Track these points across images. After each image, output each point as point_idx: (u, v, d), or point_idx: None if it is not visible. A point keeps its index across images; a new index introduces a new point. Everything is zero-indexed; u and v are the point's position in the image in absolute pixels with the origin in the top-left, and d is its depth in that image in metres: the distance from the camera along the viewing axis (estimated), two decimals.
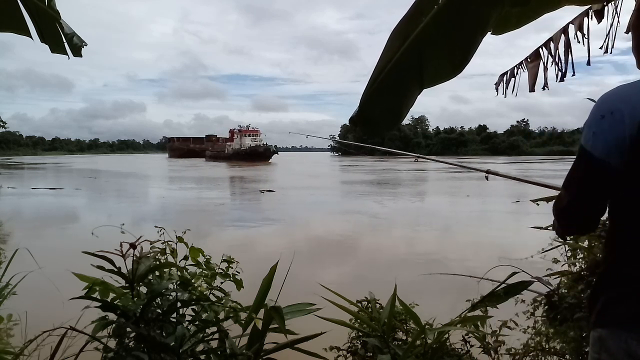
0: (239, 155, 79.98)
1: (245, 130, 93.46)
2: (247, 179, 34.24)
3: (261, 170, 48.62)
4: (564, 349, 2.36)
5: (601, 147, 1.08)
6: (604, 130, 1.07)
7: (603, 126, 1.08)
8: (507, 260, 2.53)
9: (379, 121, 1.72)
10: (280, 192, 22.70)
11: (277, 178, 35.21)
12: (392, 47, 1.58)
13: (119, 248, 1.83)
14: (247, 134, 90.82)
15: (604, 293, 1.15)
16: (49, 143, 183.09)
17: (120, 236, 1.89)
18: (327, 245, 10.28)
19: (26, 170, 50.10)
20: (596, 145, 1.09)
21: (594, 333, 1.16)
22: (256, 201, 20.07)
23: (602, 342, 1.12)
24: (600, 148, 1.08)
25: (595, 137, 1.09)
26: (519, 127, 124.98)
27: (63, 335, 1.83)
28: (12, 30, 2.02)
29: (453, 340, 2.21)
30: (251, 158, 75.36)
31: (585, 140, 1.12)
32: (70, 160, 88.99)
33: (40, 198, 20.53)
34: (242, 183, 31.69)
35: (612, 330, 1.10)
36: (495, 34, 1.83)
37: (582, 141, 1.13)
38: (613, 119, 1.06)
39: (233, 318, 1.94)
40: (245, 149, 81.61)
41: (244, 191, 25.69)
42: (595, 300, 1.17)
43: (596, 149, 1.09)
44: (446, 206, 17.90)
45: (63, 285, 1.84)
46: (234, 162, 73.73)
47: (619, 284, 1.12)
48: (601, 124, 1.08)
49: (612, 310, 1.12)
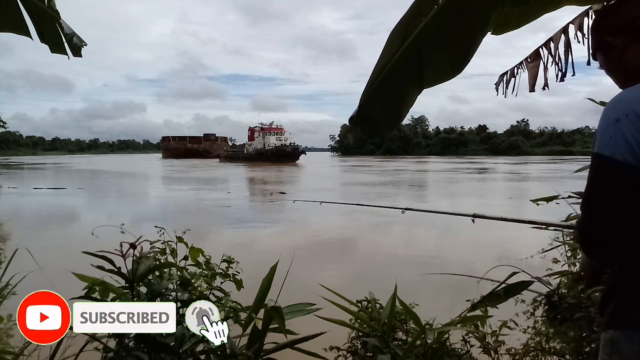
0: (262, 156, 72.83)
1: (268, 128, 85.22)
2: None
3: (295, 171, 45.31)
4: (564, 349, 2.35)
5: (623, 149, 1.04)
6: (622, 131, 1.05)
7: (620, 128, 1.05)
8: (507, 260, 2.53)
9: (379, 121, 1.73)
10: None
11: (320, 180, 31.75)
12: (391, 47, 1.58)
13: (119, 248, 1.83)
14: (270, 132, 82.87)
15: (616, 294, 1.13)
16: (49, 143, 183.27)
17: (120, 236, 1.89)
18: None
19: (26, 170, 50.08)
20: (617, 148, 1.05)
21: (606, 335, 1.13)
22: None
23: (614, 344, 1.10)
24: (623, 150, 1.04)
25: (613, 140, 1.06)
26: (519, 127, 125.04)
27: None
28: (12, 30, 2.02)
29: (453, 340, 2.21)
30: (277, 158, 68.54)
31: (603, 146, 1.07)
32: (70, 160, 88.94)
33: (42, 198, 20.52)
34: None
35: (625, 332, 1.08)
36: (495, 34, 1.83)
37: (598, 148, 1.09)
38: (629, 121, 1.04)
39: (233, 318, 1.94)
40: (271, 149, 74.31)
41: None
42: (607, 302, 1.16)
43: (617, 152, 1.05)
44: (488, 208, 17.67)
45: (63, 285, 1.84)
46: (257, 163, 67.06)
47: (632, 285, 1.10)
48: (618, 126, 1.06)
49: (625, 311, 1.10)
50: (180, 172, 45.65)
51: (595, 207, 1.10)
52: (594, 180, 1.11)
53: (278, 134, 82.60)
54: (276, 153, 71.27)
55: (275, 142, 77.73)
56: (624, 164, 1.04)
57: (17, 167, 56.57)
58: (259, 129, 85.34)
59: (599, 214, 1.09)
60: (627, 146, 1.04)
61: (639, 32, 1.16)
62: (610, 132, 1.07)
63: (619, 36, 1.19)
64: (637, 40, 1.16)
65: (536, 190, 18.22)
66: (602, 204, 1.08)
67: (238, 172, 45.37)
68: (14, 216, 14.46)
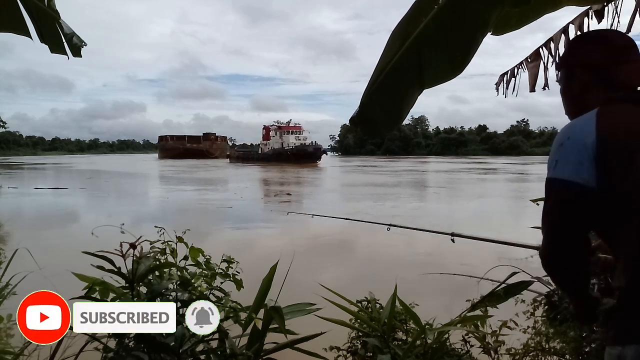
0: (281, 156, 67.23)
1: (285, 126, 79.35)
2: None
3: (320, 173, 42.54)
4: (564, 349, 2.35)
5: (569, 169, 1.12)
6: (565, 154, 1.14)
7: (563, 151, 1.15)
8: (507, 260, 2.53)
9: (380, 121, 1.73)
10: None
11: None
12: (392, 48, 1.58)
13: (119, 248, 1.83)
14: (288, 131, 76.81)
15: (623, 309, 1.12)
16: (49, 143, 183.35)
17: (121, 236, 1.89)
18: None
19: (26, 170, 50.07)
20: (563, 169, 1.13)
21: (613, 350, 1.12)
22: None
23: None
24: (568, 169, 1.12)
25: (559, 162, 1.14)
26: (519, 127, 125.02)
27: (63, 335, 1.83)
28: (12, 30, 2.02)
29: (453, 340, 2.21)
30: (298, 159, 63.32)
31: (552, 170, 1.16)
32: (70, 160, 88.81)
33: (43, 198, 20.52)
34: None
35: (633, 348, 1.07)
36: (496, 34, 1.83)
37: (549, 174, 1.17)
38: (570, 143, 1.14)
39: (233, 318, 1.94)
40: (291, 148, 68.77)
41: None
42: (613, 316, 1.15)
43: (564, 171, 1.13)
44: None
45: (63, 285, 1.84)
46: (275, 164, 61.36)
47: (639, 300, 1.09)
48: (561, 150, 1.15)
49: (633, 327, 1.08)
50: (189, 172, 45.30)
51: (552, 230, 1.16)
52: (549, 204, 1.17)
53: (297, 132, 77.08)
54: (297, 153, 66.23)
55: (294, 142, 72.37)
56: (572, 183, 1.12)
57: (17, 167, 56.53)
58: (276, 128, 79.86)
59: (556, 237, 1.15)
60: (572, 164, 1.12)
61: (601, 75, 1.22)
62: (556, 156, 1.16)
63: (584, 72, 1.26)
64: (598, 81, 1.23)
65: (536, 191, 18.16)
66: (558, 226, 1.14)
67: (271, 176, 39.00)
68: (14, 216, 14.45)
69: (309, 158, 64.69)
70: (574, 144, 1.13)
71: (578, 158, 1.11)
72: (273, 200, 20.51)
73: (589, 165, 1.10)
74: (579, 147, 1.11)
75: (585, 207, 1.12)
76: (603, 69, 1.23)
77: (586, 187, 1.10)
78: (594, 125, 1.11)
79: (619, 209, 1.10)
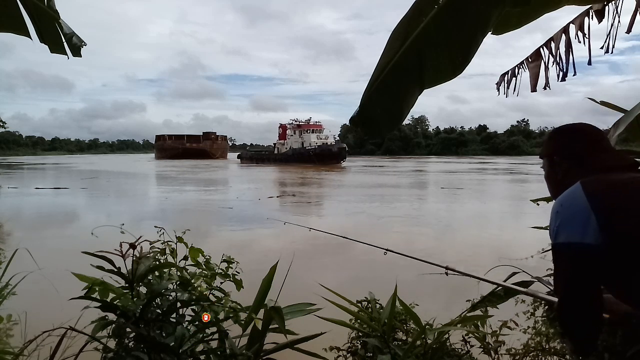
0: (302, 156, 62.33)
1: (305, 125, 72.90)
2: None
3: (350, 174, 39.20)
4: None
5: (571, 232, 1.18)
6: (563, 220, 1.21)
7: (562, 217, 1.22)
8: (507, 260, 2.52)
9: (380, 122, 1.72)
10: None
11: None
12: (392, 48, 1.58)
13: (119, 248, 1.83)
14: (308, 130, 70.54)
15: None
16: (48, 143, 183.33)
17: (121, 236, 1.89)
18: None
19: (26, 170, 50.06)
20: (566, 233, 1.19)
21: None
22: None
23: None
24: (570, 233, 1.18)
25: (560, 228, 1.21)
26: (519, 127, 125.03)
27: (63, 335, 1.83)
28: (12, 30, 2.02)
29: (453, 340, 2.21)
30: (321, 159, 58.62)
31: (557, 237, 1.22)
32: (70, 160, 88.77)
33: (43, 198, 20.51)
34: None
35: None
36: (496, 34, 1.83)
37: (553, 242, 1.23)
38: (565, 209, 1.22)
39: (233, 318, 1.94)
40: (313, 148, 63.19)
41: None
42: (629, 346, 1.16)
43: (567, 236, 1.19)
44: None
45: (63, 285, 1.84)
46: (295, 164, 57.34)
47: None
48: (558, 217, 1.23)
49: None
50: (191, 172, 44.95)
51: (569, 292, 1.20)
52: (560, 269, 1.23)
53: (317, 131, 70.46)
54: (320, 153, 60.78)
55: (316, 141, 66.19)
56: (577, 244, 1.17)
57: (17, 167, 56.53)
58: (295, 126, 73.87)
59: (569, 299, 1.20)
60: (572, 229, 1.18)
61: (579, 162, 1.35)
62: (557, 223, 1.23)
63: (565, 159, 1.39)
64: (576, 167, 1.35)
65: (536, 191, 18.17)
66: (573, 287, 1.19)
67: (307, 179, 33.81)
68: (14, 216, 14.45)
69: (333, 158, 60.44)
70: (568, 209, 1.21)
71: (576, 221, 1.18)
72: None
73: (587, 225, 1.16)
74: (574, 211, 1.19)
75: (594, 264, 1.17)
76: (580, 157, 1.36)
77: (590, 245, 1.15)
78: (582, 192, 1.21)
79: (625, 260, 1.15)
